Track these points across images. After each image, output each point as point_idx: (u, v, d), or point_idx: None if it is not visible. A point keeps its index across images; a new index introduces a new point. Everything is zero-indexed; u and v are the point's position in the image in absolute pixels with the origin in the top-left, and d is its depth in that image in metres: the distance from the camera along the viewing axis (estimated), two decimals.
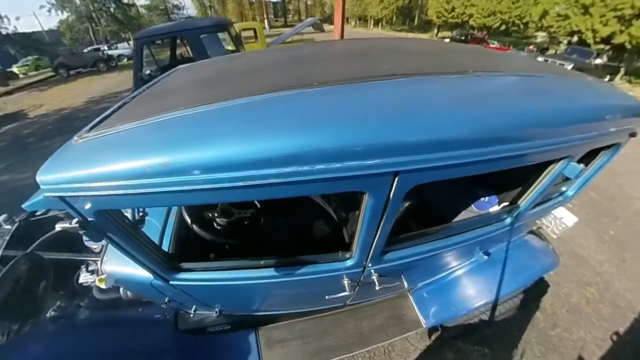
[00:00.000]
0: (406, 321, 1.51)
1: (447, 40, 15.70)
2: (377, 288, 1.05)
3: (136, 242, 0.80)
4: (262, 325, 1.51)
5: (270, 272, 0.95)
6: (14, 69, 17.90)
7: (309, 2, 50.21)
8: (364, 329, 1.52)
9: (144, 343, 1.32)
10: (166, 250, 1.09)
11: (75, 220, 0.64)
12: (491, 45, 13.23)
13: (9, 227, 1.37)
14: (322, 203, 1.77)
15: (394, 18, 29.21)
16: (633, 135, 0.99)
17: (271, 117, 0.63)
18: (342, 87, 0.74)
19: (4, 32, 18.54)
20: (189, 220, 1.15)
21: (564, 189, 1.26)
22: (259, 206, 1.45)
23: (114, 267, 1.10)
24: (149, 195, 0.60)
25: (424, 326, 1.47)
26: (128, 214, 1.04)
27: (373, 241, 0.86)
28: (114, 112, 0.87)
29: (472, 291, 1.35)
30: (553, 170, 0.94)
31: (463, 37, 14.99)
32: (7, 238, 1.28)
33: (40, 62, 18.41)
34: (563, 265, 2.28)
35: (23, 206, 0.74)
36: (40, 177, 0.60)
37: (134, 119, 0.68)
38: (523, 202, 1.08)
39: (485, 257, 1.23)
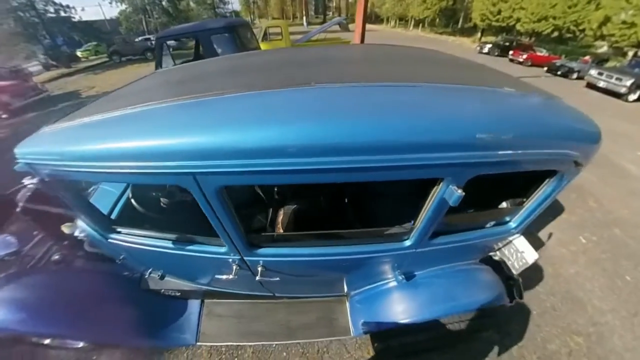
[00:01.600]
0: (336, 325, 1.53)
1: (489, 45, 14.64)
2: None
3: (78, 203, 1.10)
4: (209, 299, 1.72)
5: (183, 246, 1.12)
6: (78, 53, 20.15)
7: (350, 0, 49.64)
8: (293, 322, 1.62)
9: (115, 292, 1.58)
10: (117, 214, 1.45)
11: (37, 180, 0.95)
12: (539, 54, 12.06)
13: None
14: (258, 190, 1.83)
15: (437, 20, 27.86)
16: (578, 165, 0.86)
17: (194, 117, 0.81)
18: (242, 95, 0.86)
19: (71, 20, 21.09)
20: (130, 195, 1.50)
21: (507, 219, 1.15)
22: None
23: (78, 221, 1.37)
24: (83, 173, 0.86)
25: (352, 334, 1.46)
26: None
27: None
28: (80, 110, 1.10)
29: (400, 307, 1.32)
30: (435, 194, 0.86)
31: (507, 44, 13.83)
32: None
33: (99, 48, 20.57)
34: (552, 307, 2.05)
35: (14, 169, 1.01)
36: (16, 150, 0.92)
37: (85, 116, 0.93)
38: (416, 227, 1.02)
39: (401, 276, 1.25)
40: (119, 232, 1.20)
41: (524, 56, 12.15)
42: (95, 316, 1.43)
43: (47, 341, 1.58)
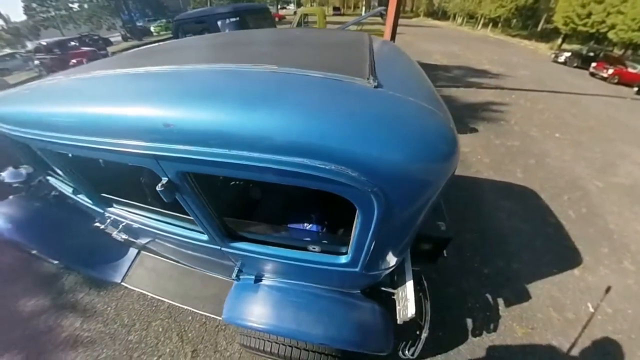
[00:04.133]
0: (219, 305, 1.51)
1: (567, 54, 12.44)
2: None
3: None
4: (145, 252, 2.02)
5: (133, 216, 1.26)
6: (151, 28, 22.53)
7: None
8: (194, 291, 1.85)
9: (83, 224, 1.86)
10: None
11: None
12: (630, 70, 9.85)
13: None
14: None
15: (513, 20, 24.48)
16: (378, 195, 0.66)
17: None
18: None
19: None
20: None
21: (342, 249, 0.97)
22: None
23: None
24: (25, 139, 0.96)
25: (222, 318, 1.38)
26: None
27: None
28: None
29: (265, 310, 1.26)
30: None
31: (591, 54, 11.56)
32: None
33: (169, 25, 22.82)
34: None
35: None
36: None
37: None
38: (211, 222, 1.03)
39: (245, 275, 1.33)
40: (110, 203, 1.32)
41: (610, 71, 10.04)
42: (60, 241, 1.91)
43: (34, 251, 2.02)
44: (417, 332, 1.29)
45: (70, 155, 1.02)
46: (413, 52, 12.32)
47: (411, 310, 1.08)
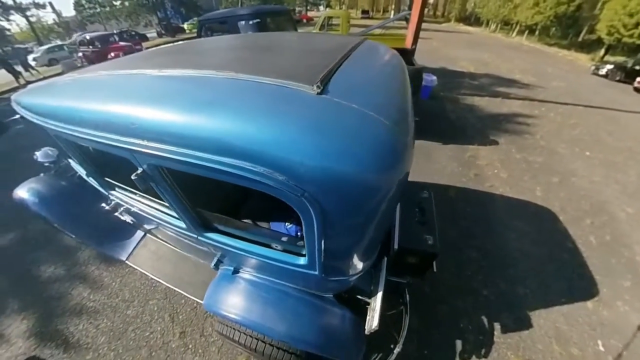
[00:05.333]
0: (204, 290, 1.54)
1: (609, 67, 11.48)
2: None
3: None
4: (150, 235, 2.18)
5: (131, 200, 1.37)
6: (185, 25, 23.67)
7: None
8: (187, 276, 1.96)
9: (98, 204, 1.90)
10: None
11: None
12: None
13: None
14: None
15: (552, 28, 22.98)
16: (308, 199, 0.67)
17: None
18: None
19: None
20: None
21: (302, 252, 0.98)
22: None
23: None
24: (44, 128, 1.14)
25: (203, 304, 1.43)
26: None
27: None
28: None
29: (237, 301, 1.29)
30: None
31: (637, 67, 10.58)
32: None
33: None
34: None
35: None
36: (12, 97, 1.28)
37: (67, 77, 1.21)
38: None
39: (225, 267, 1.39)
40: (113, 186, 1.47)
41: None
42: (78, 218, 2.15)
43: (56, 225, 2.24)
44: (392, 346, 1.25)
45: (76, 142, 1.16)
46: (437, 58, 11.94)
47: (375, 322, 1.07)
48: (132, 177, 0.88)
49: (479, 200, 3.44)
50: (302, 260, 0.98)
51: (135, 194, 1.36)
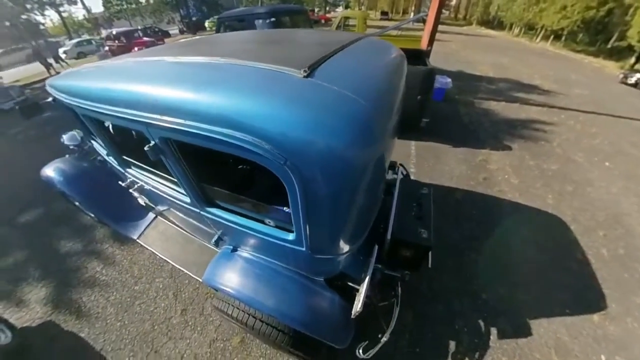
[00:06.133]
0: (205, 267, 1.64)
1: (639, 75, 10.87)
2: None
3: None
4: (161, 217, 2.36)
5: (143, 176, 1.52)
6: (206, 23, 24.33)
7: None
8: (192, 257, 2.08)
9: (115, 186, 1.99)
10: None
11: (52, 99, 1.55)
12: None
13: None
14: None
15: (580, 34, 21.94)
16: (291, 167, 0.75)
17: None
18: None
19: None
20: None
21: (291, 228, 1.02)
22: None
23: None
24: (74, 106, 1.30)
25: (202, 279, 1.51)
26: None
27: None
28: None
29: (232, 276, 1.39)
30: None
31: None
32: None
33: None
34: None
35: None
36: (47, 81, 1.44)
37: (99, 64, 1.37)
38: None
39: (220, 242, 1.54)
40: (129, 164, 1.63)
41: None
42: (97, 197, 2.36)
43: (77, 203, 2.50)
44: (380, 336, 1.29)
45: (101, 120, 1.30)
46: (455, 61, 11.70)
47: (359, 305, 1.13)
48: (145, 148, 1.00)
49: (485, 204, 3.38)
50: (291, 236, 1.05)
51: (148, 170, 1.50)
